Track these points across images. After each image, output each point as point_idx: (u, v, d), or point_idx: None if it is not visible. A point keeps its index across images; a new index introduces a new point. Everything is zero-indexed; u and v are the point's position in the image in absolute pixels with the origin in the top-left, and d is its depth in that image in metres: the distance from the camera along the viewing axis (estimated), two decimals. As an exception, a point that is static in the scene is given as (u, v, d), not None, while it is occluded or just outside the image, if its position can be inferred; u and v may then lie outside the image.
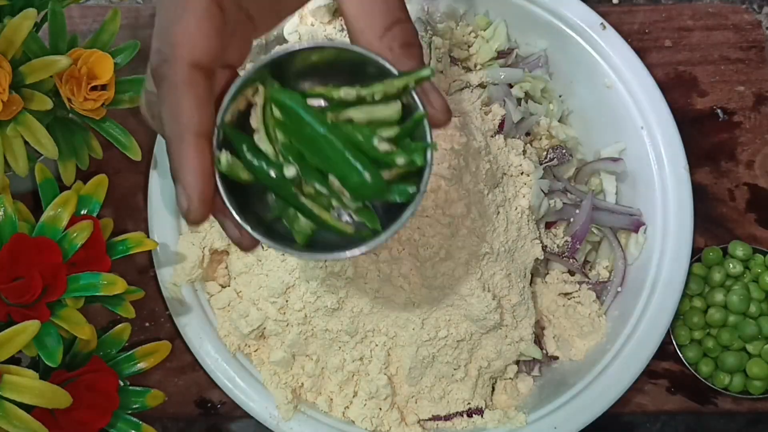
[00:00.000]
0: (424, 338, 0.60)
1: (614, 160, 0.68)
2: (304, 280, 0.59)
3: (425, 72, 0.36)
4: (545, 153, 0.67)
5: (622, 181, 0.69)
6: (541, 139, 0.67)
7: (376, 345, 0.60)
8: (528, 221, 0.62)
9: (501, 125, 0.63)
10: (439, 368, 0.61)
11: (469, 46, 0.69)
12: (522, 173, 0.63)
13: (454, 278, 0.58)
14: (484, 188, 0.59)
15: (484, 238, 0.58)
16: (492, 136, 0.62)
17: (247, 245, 0.38)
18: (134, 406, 0.57)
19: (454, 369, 0.61)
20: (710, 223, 0.72)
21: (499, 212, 0.60)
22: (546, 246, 0.64)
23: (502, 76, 0.66)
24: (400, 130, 0.37)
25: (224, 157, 0.36)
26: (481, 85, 0.66)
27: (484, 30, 0.69)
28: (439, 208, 0.55)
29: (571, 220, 0.66)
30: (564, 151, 0.67)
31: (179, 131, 0.34)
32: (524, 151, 0.64)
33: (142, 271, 0.67)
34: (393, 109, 0.37)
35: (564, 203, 0.65)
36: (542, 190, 0.63)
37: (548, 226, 0.66)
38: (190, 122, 0.34)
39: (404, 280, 0.57)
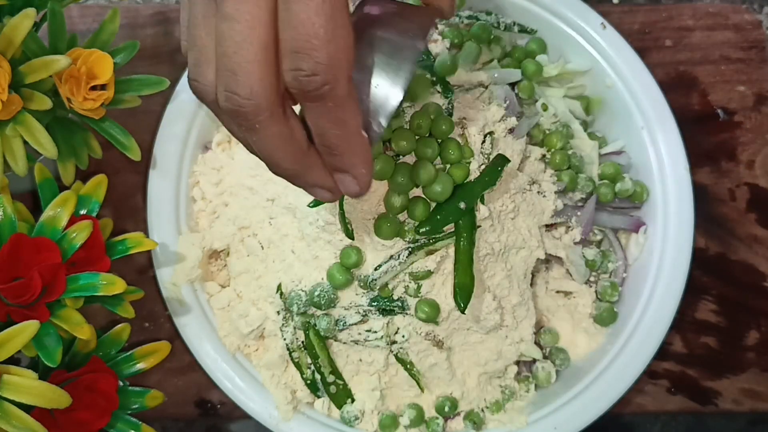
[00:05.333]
0: (424, 338, 0.60)
1: (617, 153, 0.68)
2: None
3: None
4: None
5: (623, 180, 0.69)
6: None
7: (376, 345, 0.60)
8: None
9: (501, 125, 0.63)
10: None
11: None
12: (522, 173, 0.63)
13: (455, 278, 0.58)
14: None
15: (485, 239, 0.58)
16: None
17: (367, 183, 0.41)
18: (134, 407, 0.57)
19: (454, 369, 0.61)
20: (710, 223, 0.72)
21: (500, 212, 0.60)
22: (547, 246, 0.64)
23: (503, 76, 0.66)
24: None
25: None
26: (482, 85, 0.66)
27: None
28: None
29: (573, 220, 0.66)
30: (564, 151, 0.67)
31: (348, 134, 0.38)
32: (525, 150, 0.64)
33: (142, 271, 0.67)
34: None
35: (565, 204, 0.65)
36: (542, 190, 0.63)
37: (549, 226, 0.66)
38: (357, 122, 0.38)
39: (404, 280, 0.57)
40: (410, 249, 0.56)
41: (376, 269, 0.56)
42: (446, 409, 0.61)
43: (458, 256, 0.55)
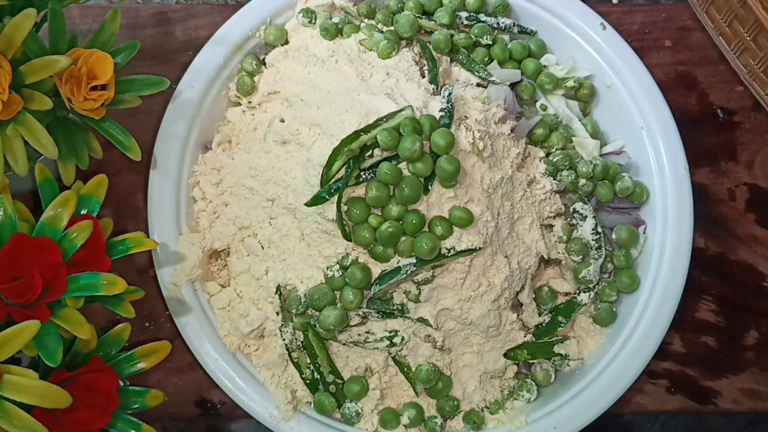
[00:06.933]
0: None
1: (617, 153, 0.68)
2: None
3: None
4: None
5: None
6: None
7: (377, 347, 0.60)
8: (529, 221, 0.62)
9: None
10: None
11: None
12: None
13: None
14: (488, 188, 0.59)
15: (486, 239, 0.58)
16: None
17: None
18: (134, 406, 0.57)
19: (454, 370, 0.62)
20: (710, 223, 0.72)
21: (499, 212, 0.60)
22: (547, 246, 0.64)
23: (502, 76, 0.66)
24: None
25: None
26: (481, 85, 0.66)
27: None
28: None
29: (572, 220, 0.66)
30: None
31: None
32: (524, 150, 0.64)
33: (142, 271, 0.67)
34: None
35: (564, 204, 0.65)
36: (542, 190, 0.63)
37: (548, 226, 0.66)
38: None
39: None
40: (416, 265, 0.56)
41: (380, 280, 0.56)
42: (447, 408, 0.61)
43: None
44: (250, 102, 0.67)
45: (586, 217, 0.65)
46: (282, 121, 0.63)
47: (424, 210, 0.55)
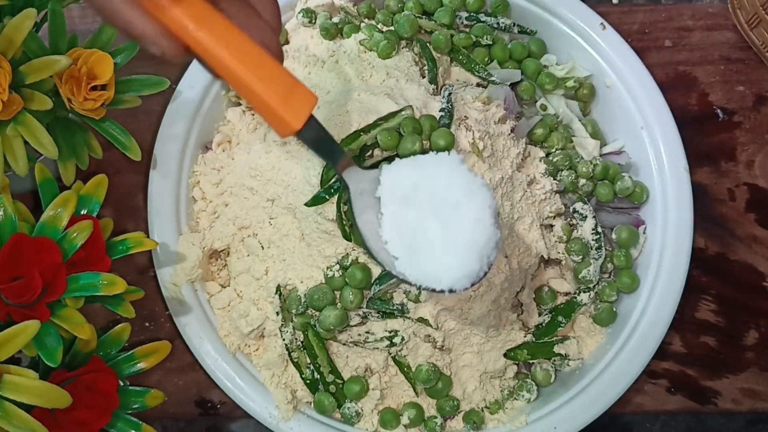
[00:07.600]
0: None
1: (617, 153, 0.68)
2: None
3: None
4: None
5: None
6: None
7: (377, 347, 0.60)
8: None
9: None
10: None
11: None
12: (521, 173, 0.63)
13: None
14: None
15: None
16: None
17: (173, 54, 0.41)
18: (134, 406, 0.57)
19: (454, 370, 0.62)
20: (710, 223, 0.72)
21: (499, 212, 0.60)
22: (547, 246, 0.64)
23: (502, 76, 0.66)
24: None
25: None
26: (481, 85, 0.66)
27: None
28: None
29: (572, 220, 0.66)
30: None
31: None
32: (524, 150, 0.64)
33: (142, 271, 0.67)
34: None
35: (564, 204, 0.65)
36: (542, 190, 0.63)
37: (548, 226, 0.66)
38: None
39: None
40: None
41: (380, 280, 0.56)
42: (447, 408, 0.61)
43: None
44: (250, 102, 0.67)
45: (586, 217, 0.65)
46: (282, 121, 0.63)
47: (424, 210, 0.55)
